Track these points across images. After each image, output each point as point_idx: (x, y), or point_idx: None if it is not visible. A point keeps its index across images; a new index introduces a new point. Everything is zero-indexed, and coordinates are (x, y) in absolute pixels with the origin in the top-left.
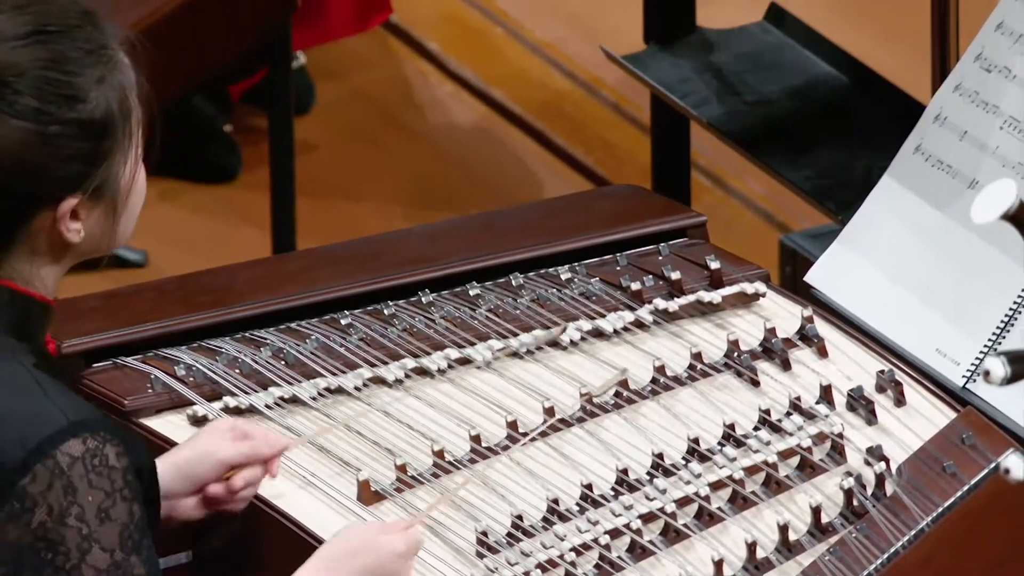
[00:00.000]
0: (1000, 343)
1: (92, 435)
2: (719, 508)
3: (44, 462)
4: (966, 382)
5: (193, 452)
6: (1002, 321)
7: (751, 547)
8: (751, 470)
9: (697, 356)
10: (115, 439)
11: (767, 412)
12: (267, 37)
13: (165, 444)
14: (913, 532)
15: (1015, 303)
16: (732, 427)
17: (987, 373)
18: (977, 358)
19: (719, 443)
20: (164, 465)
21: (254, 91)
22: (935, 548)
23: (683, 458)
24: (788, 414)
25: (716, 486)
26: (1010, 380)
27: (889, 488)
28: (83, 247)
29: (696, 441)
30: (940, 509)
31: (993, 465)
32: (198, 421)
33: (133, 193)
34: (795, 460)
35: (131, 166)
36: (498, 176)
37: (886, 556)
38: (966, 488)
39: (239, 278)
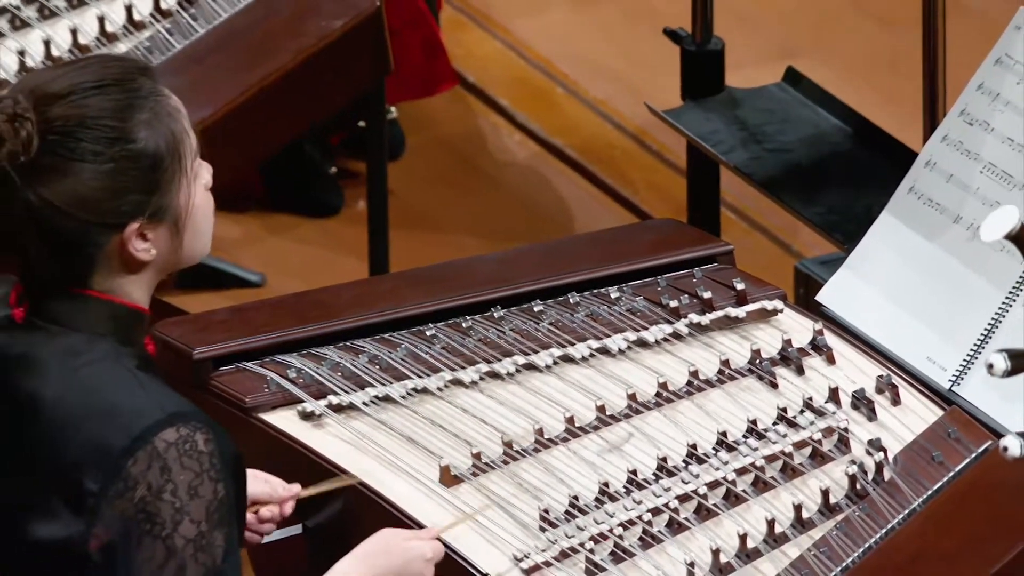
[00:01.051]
0: (980, 352)
1: (184, 424)
2: (743, 490)
3: (144, 447)
4: (951, 385)
5: None
6: (982, 334)
7: (770, 523)
8: (770, 458)
9: (725, 363)
10: (204, 427)
11: (784, 410)
12: (366, 94)
13: (280, 435)
14: (907, 511)
15: (992, 319)
16: (755, 422)
17: (990, 366)
18: (961, 365)
19: (743, 435)
20: None
21: (355, 139)
22: (925, 525)
23: (713, 448)
24: (805, 410)
25: (741, 471)
26: (1010, 373)
27: (887, 474)
28: (158, 262)
29: (724, 434)
30: (929, 492)
31: (974, 455)
32: (307, 416)
33: (194, 215)
34: (807, 450)
35: (186, 191)
36: (558, 211)
37: (884, 531)
38: (951, 474)
39: (341, 296)
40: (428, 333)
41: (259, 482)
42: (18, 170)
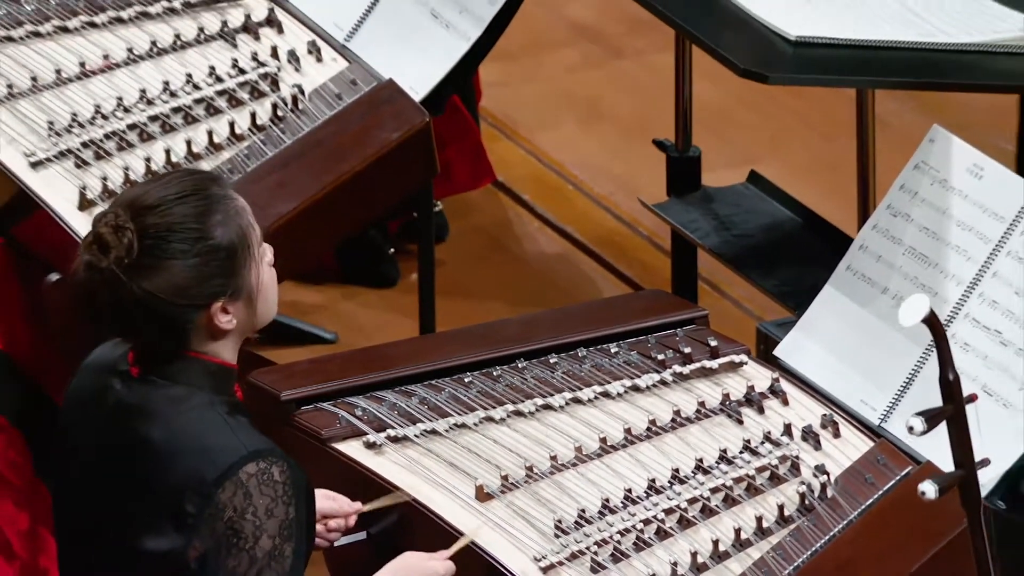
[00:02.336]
0: (903, 396)
1: (263, 459)
2: (716, 505)
3: (232, 479)
4: (880, 422)
5: None
6: (904, 382)
7: (737, 531)
8: (737, 480)
9: (701, 404)
10: (280, 461)
11: (748, 441)
12: (417, 190)
13: (349, 461)
14: (845, 522)
15: (912, 370)
16: (725, 451)
17: (911, 429)
18: (888, 406)
19: (716, 461)
20: None
21: (409, 226)
22: (859, 532)
23: (692, 471)
24: (765, 442)
25: (714, 490)
26: (927, 432)
27: (829, 492)
28: (239, 329)
29: (700, 460)
30: (863, 507)
31: (898, 477)
32: (370, 446)
33: (263, 288)
34: (767, 473)
35: (255, 271)
36: (569, 283)
37: (827, 538)
38: (880, 493)
39: (398, 350)
40: (466, 380)
41: (327, 500)
42: (123, 270)
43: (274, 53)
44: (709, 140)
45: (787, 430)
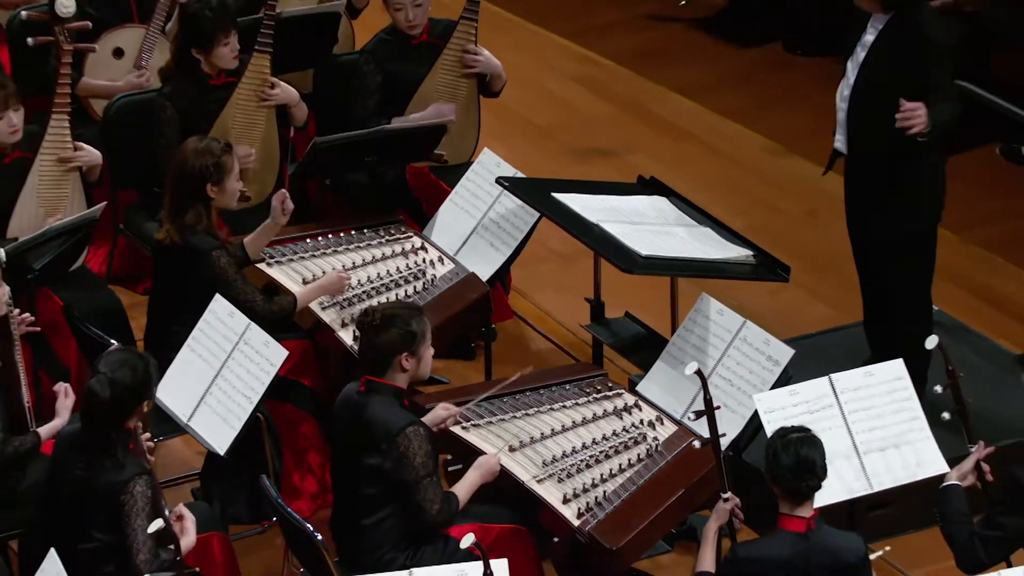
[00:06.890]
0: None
1: (417, 424)
2: (611, 454)
3: (404, 432)
4: (681, 417)
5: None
6: (690, 400)
7: (620, 464)
8: (622, 442)
9: (604, 410)
10: (424, 425)
11: (625, 426)
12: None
13: (452, 434)
14: (664, 461)
15: (700, 405)
16: (615, 430)
17: (689, 418)
18: (685, 410)
19: (613, 434)
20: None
21: (480, 335)
22: (671, 465)
23: (602, 438)
24: (632, 427)
25: (611, 447)
26: (696, 420)
27: (659, 448)
28: (410, 373)
29: (604, 434)
30: (672, 454)
31: (687, 442)
32: (463, 428)
33: (424, 360)
34: (634, 440)
35: (425, 348)
36: (549, 358)
37: (657, 468)
38: (679, 448)
39: (474, 387)
40: (504, 399)
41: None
42: (371, 328)
43: (422, 261)
44: (609, 298)
45: (642, 422)
